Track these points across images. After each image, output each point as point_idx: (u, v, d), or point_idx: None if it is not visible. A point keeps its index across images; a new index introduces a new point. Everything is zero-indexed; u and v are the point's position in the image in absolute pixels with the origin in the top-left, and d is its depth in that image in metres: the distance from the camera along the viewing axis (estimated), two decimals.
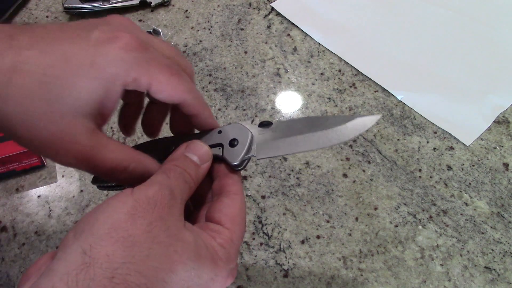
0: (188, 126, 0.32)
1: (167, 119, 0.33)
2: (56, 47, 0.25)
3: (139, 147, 0.29)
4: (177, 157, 0.28)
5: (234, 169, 0.31)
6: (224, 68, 0.58)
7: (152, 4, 0.65)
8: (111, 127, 0.53)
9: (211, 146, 0.31)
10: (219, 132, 0.32)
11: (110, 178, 0.27)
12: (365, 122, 0.32)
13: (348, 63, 0.58)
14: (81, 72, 0.25)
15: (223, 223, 0.27)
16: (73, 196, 0.48)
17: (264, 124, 0.32)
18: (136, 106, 0.33)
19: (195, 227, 0.26)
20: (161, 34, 0.62)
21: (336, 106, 0.54)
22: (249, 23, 0.63)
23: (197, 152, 0.29)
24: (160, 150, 0.30)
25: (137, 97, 0.32)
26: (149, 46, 0.27)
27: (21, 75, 0.23)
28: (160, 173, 0.26)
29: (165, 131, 0.33)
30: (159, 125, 0.33)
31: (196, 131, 0.34)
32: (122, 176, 0.27)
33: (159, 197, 0.24)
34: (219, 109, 0.54)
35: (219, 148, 0.32)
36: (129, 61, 0.26)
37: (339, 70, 0.58)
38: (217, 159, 0.32)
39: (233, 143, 0.32)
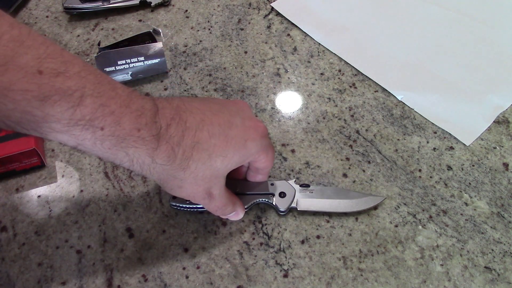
0: (241, 175, 0.45)
1: None
2: (218, 131, 0.36)
3: None
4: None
5: (279, 214, 0.45)
6: (224, 68, 0.58)
7: (152, 4, 0.65)
8: None
9: (266, 194, 0.45)
10: (272, 184, 0.45)
11: (212, 212, 0.41)
12: (374, 200, 0.45)
13: (348, 63, 0.58)
14: (237, 152, 0.37)
15: None
16: (73, 196, 0.48)
17: (304, 185, 0.46)
18: None
19: None
20: (161, 34, 0.62)
21: (336, 106, 0.54)
22: (249, 23, 0.63)
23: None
24: (229, 187, 0.42)
25: None
26: (266, 131, 0.40)
27: (198, 152, 0.34)
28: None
29: None
30: None
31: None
32: (220, 212, 0.41)
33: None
34: None
35: (271, 196, 0.45)
36: (263, 146, 0.39)
37: (339, 70, 0.58)
38: (267, 205, 0.46)
39: (281, 195, 0.45)
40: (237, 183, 0.45)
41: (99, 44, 0.57)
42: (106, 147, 0.31)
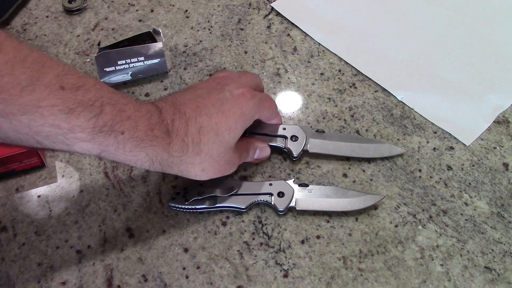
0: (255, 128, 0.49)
1: None
2: (214, 110, 0.39)
3: None
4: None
5: (278, 214, 0.46)
6: (224, 68, 0.58)
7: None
8: None
9: (264, 193, 0.46)
10: (270, 184, 0.46)
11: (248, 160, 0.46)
12: (372, 198, 0.45)
13: (348, 63, 0.58)
14: (238, 120, 0.40)
15: None
16: (73, 196, 0.48)
17: (303, 185, 0.46)
18: None
19: None
20: (161, 34, 0.62)
21: (336, 106, 0.54)
22: (249, 23, 0.63)
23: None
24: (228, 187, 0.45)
25: None
26: (253, 91, 0.43)
27: (204, 134, 0.38)
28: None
29: None
30: None
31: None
32: (251, 160, 0.47)
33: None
34: None
35: (270, 196, 0.46)
36: (257, 104, 0.43)
37: (339, 70, 0.58)
38: (267, 205, 0.46)
39: (280, 194, 0.45)
40: (236, 184, 0.46)
41: (99, 44, 0.57)
42: (128, 150, 0.34)
